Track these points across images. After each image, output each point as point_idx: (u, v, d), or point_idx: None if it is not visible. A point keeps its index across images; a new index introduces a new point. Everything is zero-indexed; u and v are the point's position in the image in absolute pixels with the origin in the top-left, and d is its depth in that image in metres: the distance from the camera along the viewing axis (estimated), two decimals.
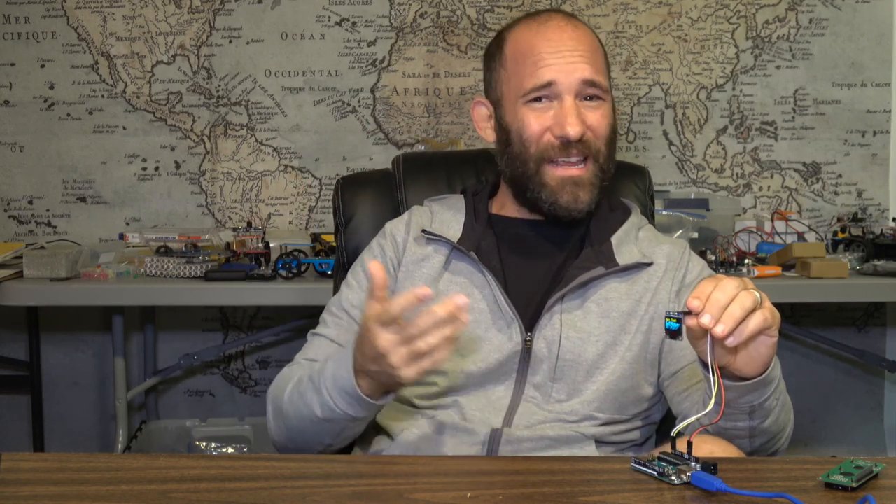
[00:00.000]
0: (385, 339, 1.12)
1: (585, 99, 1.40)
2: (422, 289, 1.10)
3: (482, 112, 1.50)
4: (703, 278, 1.36)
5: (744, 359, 1.09)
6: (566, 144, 1.38)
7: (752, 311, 1.03)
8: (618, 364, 1.37)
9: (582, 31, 1.44)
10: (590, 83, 1.40)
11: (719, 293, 1.03)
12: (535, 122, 1.40)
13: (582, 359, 1.36)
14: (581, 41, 1.41)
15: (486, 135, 1.51)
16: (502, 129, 1.45)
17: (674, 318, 1.06)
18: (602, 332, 1.37)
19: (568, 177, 1.40)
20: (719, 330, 1.01)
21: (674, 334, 1.06)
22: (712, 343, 1.05)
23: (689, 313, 1.04)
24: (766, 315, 1.04)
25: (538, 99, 1.40)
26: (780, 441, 1.26)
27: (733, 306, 1.02)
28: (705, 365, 1.09)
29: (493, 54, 1.49)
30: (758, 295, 1.04)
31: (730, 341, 1.03)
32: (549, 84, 1.39)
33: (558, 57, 1.39)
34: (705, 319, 1.02)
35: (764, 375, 1.11)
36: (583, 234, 1.46)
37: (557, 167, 1.40)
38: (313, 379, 1.28)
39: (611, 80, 1.48)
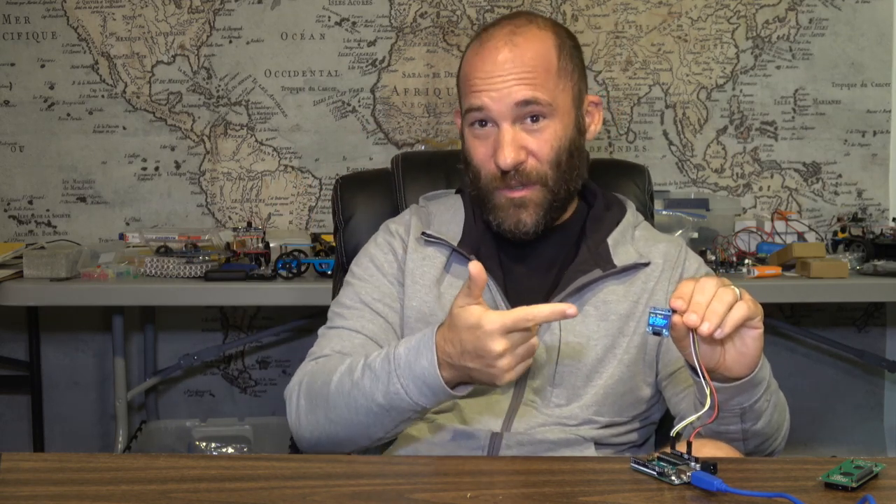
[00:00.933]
0: (502, 343, 1.10)
1: (530, 120, 1.35)
2: (570, 306, 1.09)
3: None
4: (699, 276, 1.36)
5: (732, 356, 1.10)
6: (504, 174, 1.35)
7: (733, 304, 1.05)
8: (616, 367, 1.36)
9: (523, 47, 1.34)
10: (524, 103, 1.33)
11: (699, 295, 1.05)
12: (479, 150, 1.38)
13: (581, 363, 1.36)
14: (517, 61, 1.33)
15: None
16: (462, 149, 1.44)
17: (660, 314, 1.07)
18: (601, 335, 1.37)
19: (509, 198, 1.37)
20: (705, 328, 1.03)
21: (657, 330, 1.07)
22: (696, 343, 1.06)
23: (674, 312, 1.06)
24: (749, 305, 1.06)
25: (480, 124, 1.37)
26: (776, 442, 1.26)
27: (714, 303, 1.04)
28: (693, 369, 1.09)
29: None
30: (736, 290, 1.06)
31: (717, 334, 1.04)
32: (480, 108, 1.35)
33: (489, 82, 1.33)
34: (691, 318, 1.03)
35: (752, 375, 1.12)
36: (579, 236, 1.45)
37: (503, 190, 1.38)
38: (372, 367, 1.23)
39: (580, 88, 1.40)
